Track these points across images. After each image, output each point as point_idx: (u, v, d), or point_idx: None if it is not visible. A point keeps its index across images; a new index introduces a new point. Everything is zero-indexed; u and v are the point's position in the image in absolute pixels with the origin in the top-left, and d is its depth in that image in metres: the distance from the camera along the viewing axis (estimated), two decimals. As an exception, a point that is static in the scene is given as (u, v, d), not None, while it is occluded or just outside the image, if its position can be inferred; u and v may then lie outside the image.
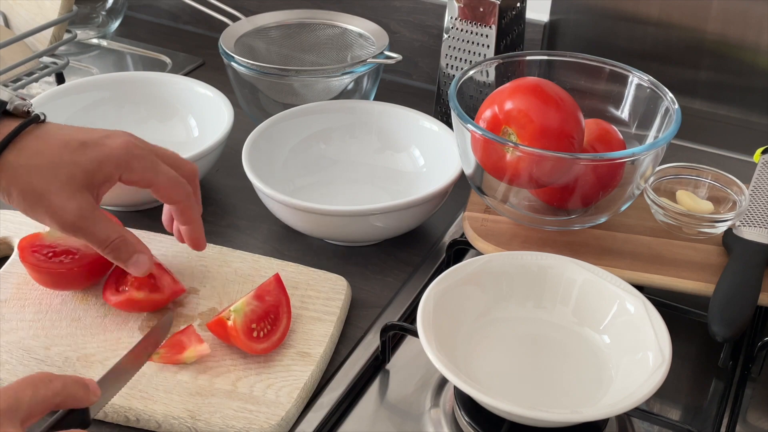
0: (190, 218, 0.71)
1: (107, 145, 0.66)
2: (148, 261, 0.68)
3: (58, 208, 0.64)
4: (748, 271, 0.74)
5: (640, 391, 0.61)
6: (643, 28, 1.05)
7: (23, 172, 0.63)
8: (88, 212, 0.64)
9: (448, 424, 0.68)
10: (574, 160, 0.74)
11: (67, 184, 0.64)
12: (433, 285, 0.69)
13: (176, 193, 0.69)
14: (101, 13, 1.28)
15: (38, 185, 0.63)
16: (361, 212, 0.80)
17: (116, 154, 0.66)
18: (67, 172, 0.64)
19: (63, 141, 0.65)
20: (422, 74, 1.18)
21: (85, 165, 0.64)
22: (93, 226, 0.65)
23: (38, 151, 0.64)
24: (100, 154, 0.65)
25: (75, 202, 0.64)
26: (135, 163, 0.66)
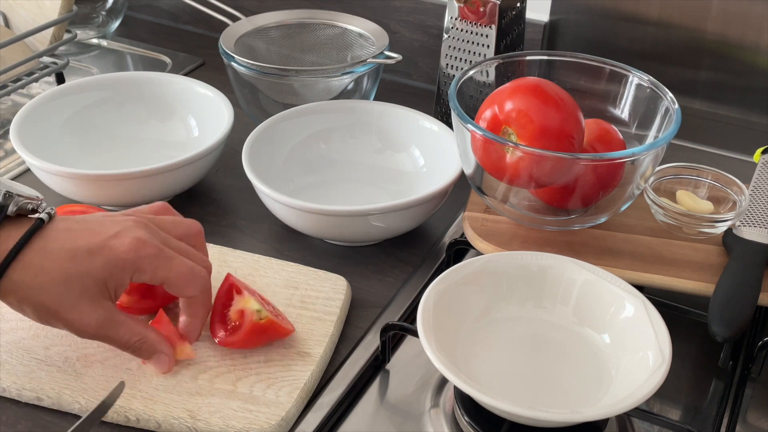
0: (197, 313, 0.70)
1: (114, 248, 0.64)
2: (168, 361, 0.68)
3: (76, 322, 0.63)
4: (748, 271, 0.74)
5: (640, 391, 0.61)
6: (643, 28, 1.05)
7: (32, 292, 0.62)
8: (107, 321, 0.64)
9: (448, 424, 0.68)
10: (574, 160, 0.74)
11: (81, 298, 0.62)
12: (433, 285, 0.69)
13: (190, 288, 0.67)
14: (101, 13, 1.28)
15: (51, 303, 0.62)
16: (361, 212, 0.80)
17: (124, 257, 0.64)
18: (79, 285, 0.62)
19: (68, 253, 0.63)
20: (422, 74, 1.18)
21: (96, 275, 0.63)
22: (114, 333, 0.65)
23: (44, 268, 0.62)
24: (108, 259, 0.63)
25: (92, 314, 0.63)
26: (145, 264, 0.64)
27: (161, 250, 0.65)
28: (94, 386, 0.68)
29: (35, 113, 0.93)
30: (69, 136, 0.95)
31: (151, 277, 0.65)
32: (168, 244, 0.67)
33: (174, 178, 0.88)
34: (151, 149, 0.98)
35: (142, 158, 0.96)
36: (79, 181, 0.85)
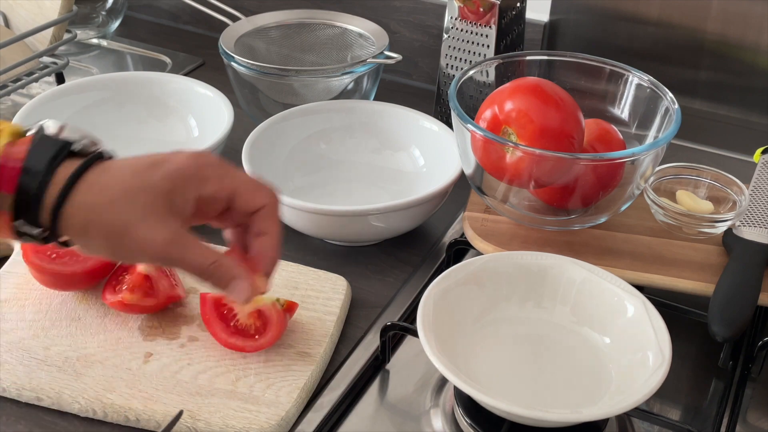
0: (271, 228, 0.62)
1: (175, 160, 0.60)
2: (248, 287, 0.61)
3: (145, 239, 0.58)
4: (748, 271, 0.74)
5: (640, 391, 0.61)
6: (643, 28, 1.05)
7: (98, 211, 0.58)
8: (177, 240, 0.58)
9: (448, 424, 0.68)
10: (574, 160, 0.74)
11: (148, 213, 0.58)
12: (433, 285, 0.69)
13: (261, 195, 0.61)
14: (101, 13, 1.28)
15: (117, 220, 0.58)
16: (360, 212, 0.80)
17: (187, 165, 0.60)
18: (144, 199, 0.58)
19: (131, 168, 0.60)
20: (422, 74, 1.18)
21: (161, 186, 0.59)
22: (184, 254, 0.59)
23: (107, 185, 0.58)
24: (170, 169, 0.59)
25: (163, 231, 0.58)
26: (209, 172, 0.60)
27: (222, 162, 0.61)
28: (94, 386, 0.68)
29: (35, 113, 0.93)
30: (69, 136, 0.95)
31: (218, 186, 0.60)
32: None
33: (174, 178, 0.88)
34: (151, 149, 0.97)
35: (142, 158, 0.96)
36: (79, 181, 0.85)
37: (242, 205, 0.61)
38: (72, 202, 0.58)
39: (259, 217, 0.62)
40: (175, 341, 0.73)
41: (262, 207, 0.61)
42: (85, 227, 0.58)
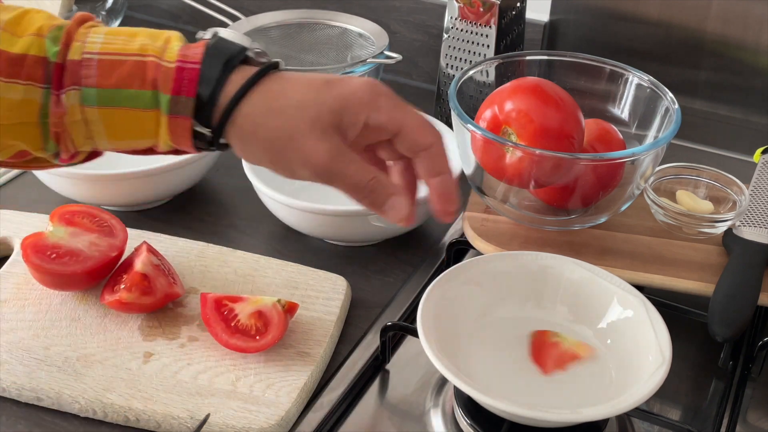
0: (444, 165, 0.61)
1: (352, 83, 0.60)
2: (406, 205, 0.60)
3: (309, 150, 0.58)
4: (748, 271, 0.74)
5: (640, 392, 0.61)
6: (643, 28, 1.05)
7: (270, 115, 0.58)
8: (340, 154, 0.58)
9: (448, 424, 0.68)
10: (574, 160, 0.74)
11: (315, 125, 0.58)
12: (433, 285, 0.69)
13: (428, 132, 0.60)
14: (101, 13, 1.28)
15: (287, 126, 0.58)
16: (361, 212, 0.80)
17: (362, 90, 0.59)
18: (314, 112, 0.58)
19: (306, 81, 0.59)
20: (422, 74, 1.18)
21: (332, 104, 0.58)
22: (347, 167, 0.58)
23: (281, 92, 0.58)
24: (345, 90, 0.59)
25: (326, 143, 0.58)
26: (382, 100, 0.59)
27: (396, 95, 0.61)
28: (94, 386, 0.68)
29: (35, 113, 0.93)
30: (69, 136, 0.95)
31: (389, 118, 0.59)
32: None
33: (174, 178, 0.88)
34: (151, 149, 0.98)
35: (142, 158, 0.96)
36: (79, 181, 0.85)
37: (408, 140, 0.60)
38: (245, 105, 0.58)
39: (430, 156, 0.61)
40: (175, 341, 0.73)
41: (430, 146, 0.60)
42: (253, 131, 0.58)
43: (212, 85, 0.57)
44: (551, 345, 0.69)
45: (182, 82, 0.57)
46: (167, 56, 0.57)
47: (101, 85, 0.57)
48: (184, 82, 0.57)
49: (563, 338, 0.69)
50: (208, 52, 0.58)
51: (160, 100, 0.57)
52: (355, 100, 0.59)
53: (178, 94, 0.57)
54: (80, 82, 0.56)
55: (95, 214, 0.80)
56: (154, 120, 0.57)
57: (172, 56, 0.57)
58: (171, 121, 0.57)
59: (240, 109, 0.57)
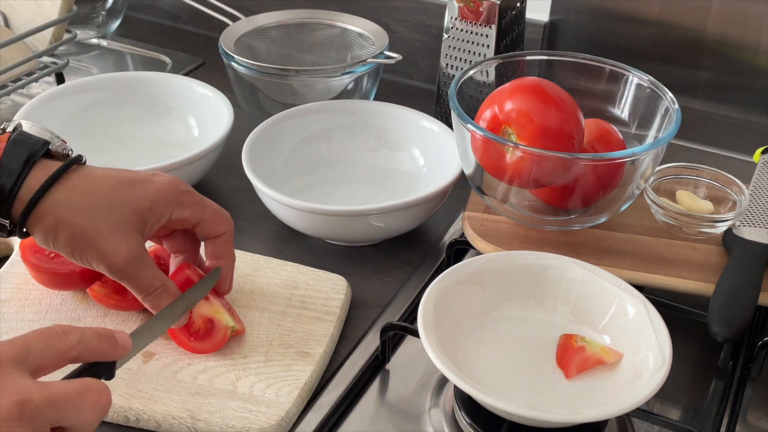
0: (229, 251, 0.69)
1: (155, 182, 0.64)
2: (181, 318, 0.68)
3: (108, 250, 0.61)
4: (748, 271, 0.74)
5: (641, 392, 0.61)
6: (643, 28, 1.05)
7: (74, 212, 0.61)
8: (138, 256, 0.63)
9: (448, 424, 0.68)
10: (574, 160, 0.74)
11: (119, 226, 0.61)
12: (433, 284, 0.69)
13: (223, 223, 0.68)
14: (101, 13, 1.28)
15: (89, 226, 0.61)
16: (360, 212, 0.80)
17: (166, 189, 0.64)
18: (119, 213, 0.62)
19: (112, 179, 0.63)
20: (422, 74, 1.18)
21: (137, 204, 0.62)
22: (140, 271, 0.63)
23: (88, 190, 0.62)
24: (150, 190, 0.63)
25: (126, 245, 0.62)
26: (185, 198, 0.65)
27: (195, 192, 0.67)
28: (94, 386, 0.68)
29: (35, 113, 0.93)
30: (69, 136, 0.94)
31: (190, 213, 0.66)
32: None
33: (174, 178, 0.88)
34: (151, 149, 0.98)
35: (142, 158, 0.96)
36: (79, 181, 0.85)
37: (205, 231, 0.68)
38: (48, 200, 0.61)
39: (218, 243, 0.69)
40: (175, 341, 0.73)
41: (222, 233, 0.69)
42: (55, 225, 0.61)
43: (13, 179, 0.60)
44: (577, 349, 0.68)
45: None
46: None
47: None
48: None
49: (589, 343, 0.69)
50: (9, 147, 0.60)
51: None
52: (161, 200, 0.64)
53: None
54: None
55: (95, 214, 0.80)
56: None
57: None
58: None
59: (43, 203, 0.60)
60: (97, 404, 0.51)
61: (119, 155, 0.97)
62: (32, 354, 0.50)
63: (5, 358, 0.49)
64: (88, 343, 0.53)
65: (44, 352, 0.51)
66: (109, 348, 0.55)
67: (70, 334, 0.52)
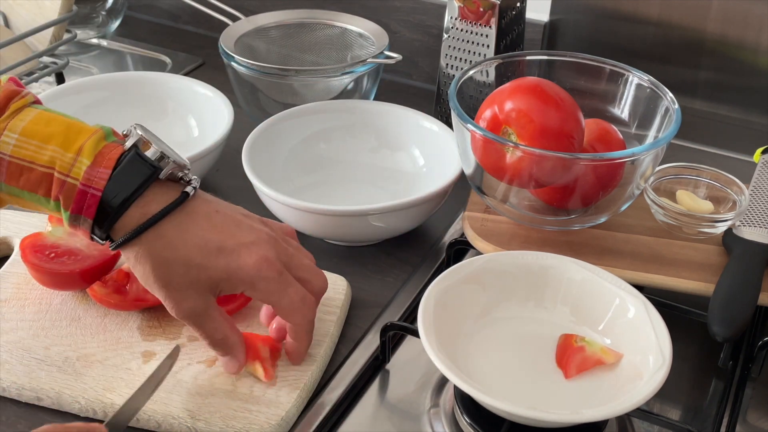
0: (300, 337, 0.70)
1: (241, 258, 0.65)
2: (238, 366, 0.68)
3: (175, 301, 0.64)
4: (748, 271, 0.74)
5: (641, 392, 0.61)
6: (643, 28, 1.05)
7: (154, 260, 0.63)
8: (202, 312, 0.65)
9: (448, 424, 0.68)
10: (574, 160, 0.74)
11: (191, 285, 0.64)
12: (433, 284, 0.69)
13: (295, 316, 0.68)
14: (101, 13, 1.28)
15: (164, 276, 0.63)
16: (360, 212, 0.80)
17: (246, 272, 0.65)
18: (194, 274, 0.64)
19: (201, 240, 0.64)
20: (422, 74, 1.18)
21: (213, 273, 0.64)
22: (202, 324, 0.65)
23: (174, 245, 0.63)
24: (231, 265, 0.64)
25: (192, 302, 0.64)
26: (261, 284, 0.65)
27: (282, 275, 0.66)
28: (94, 386, 0.68)
29: (35, 113, 0.93)
30: (69, 136, 0.95)
31: (263, 298, 0.67)
32: (289, 266, 0.68)
33: (174, 178, 0.88)
34: (151, 149, 0.98)
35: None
36: (79, 181, 0.85)
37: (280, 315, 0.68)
38: (138, 241, 0.63)
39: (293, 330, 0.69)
40: (175, 341, 0.73)
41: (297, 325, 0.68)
42: (137, 259, 0.64)
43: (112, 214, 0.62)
44: (576, 349, 0.68)
45: (83, 204, 0.62)
46: (74, 173, 0.62)
47: (9, 182, 0.63)
48: (84, 205, 0.62)
49: (589, 343, 0.69)
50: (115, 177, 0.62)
51: (61, 211, 0.63)
52: (237, 278, 0.65)
53: (78, 213, 0.62)
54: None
55: (95, 214, 0.80)
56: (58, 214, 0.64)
57: (78, 174, 0.62)
58: (71, 226, 0.64)
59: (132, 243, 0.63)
60: None
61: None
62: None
63: None
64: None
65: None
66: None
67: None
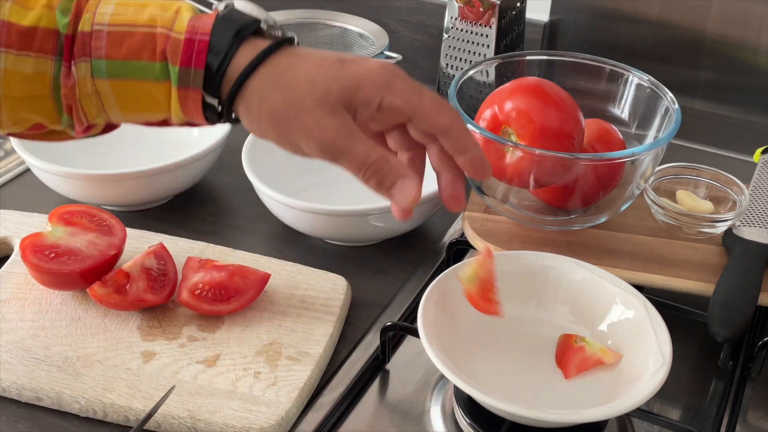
0: (467, 143, 0.58)
1: (367, 64, 0.58)
2: (414, 187, 0.57)
3: (315, 125, 0.56)
4: (748, 271, 0.74)
5: (641, 392, 0.61)
6: (643, 28, 1.05)
7: (277, 88, 0.57)
8: (347, 130, 0.56)
9: (448, 424, 0.68)
10: (574, 160, 0.74)
11: (324, 101, 0.56)
12: (433, 284, 0.69)
13: (445, 113, 0.57)
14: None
15: (293, 100, 0.57)
16: (361, 212, 0.80)
17: (377, 71, 0.57)
18: (323, 87, 0.57)
19: (318, 58, 0.58)
20: (422, 74, 1.18)
21: (343, 82, 0.57)
22: (354, 144, 0.57)
23: (290, 66, 0.57)
24: (359, 70, 0.57)
25: (333, 119, 0.56)
26: (398, 83, 0.57)
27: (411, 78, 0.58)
28: (94, 386, 0.68)
29: (35, 113, 0.93)
30: (69, 136, 0.95)
31: (405, 101, 0.57)
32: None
33: (174, 178, 0.88)
34: (151, 149, 0.98)
35: (142, 158, 0.96)
36: (79, 181, 0.85)
37: (426, 123, 0.58)
38: (254, 78, 0.57)
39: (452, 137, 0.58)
40: (175, 341, 0.73)
41: (449, 126, 0.58)
42: (259, 104, 0.57)
43: (221, 57, 0.56)
44: (576, 349, 0.68)
45: (191, 53, 0.56)
46: (177, 27, 0.56)
47: (111, 56, 0.57)
48: (194, 54, 0.56)
49: (588, 343, 0.69)
50: (218, 23, 0.57)
51: (169, 72, 0.57)
52: (369, 81, 0.57)
53: (188, 66, 0.56)
54: (90, 53, 0.56)
55: (94, 213, 0.80)
56: (165, 92, 0.57)
57: (182, 27, 0.56)
58: (181, 93, 0.57)
59: (249, 81, 0.57)
60: None
61: (119, 155, 0.97)
62: None
63: None
64: None
65: None
66: None
67: None
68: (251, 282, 0.76)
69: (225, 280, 0.75)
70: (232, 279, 0.75)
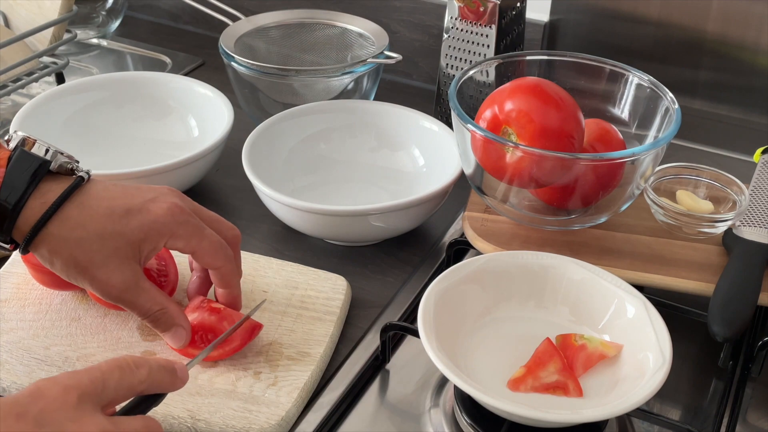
0: (229, 283, 0.70)
1: (152, 211, 0.64)
2: (185, 335, 0.67)
3: (102, 281, 0.63)
4: (748, 271, 0.74)
5: (641, 392, 0.61)
6: (643, 28, 1.05)
7: (67, 245, 0.62)
8: (132, 285, 0.64)
9: (448, 424, 0.68)
10: (574, 160, 0.74)
11: (112, 257, 0.63)
12: (433, 284, 0.69)
13: (218, 257, 0.67)
14: (101, 13, 1.28)
15: (82, 258, 0.62)
16: (361, 212, 0.80)
17: (161, 221, 0.64)
18: (112, 244, 0.63)
19: (107, 209, 0.64)
20: (422, 74, 1.18)
21: (131, 236, 0.63)
22: (136, 298, 0.64)
23: (81, 223, 0.62)
24: (145, 221, 0.64)
25: (120, 275, 0.63)
26: (180, 230, 0.65)
27: (194, 218, 0.66)
28: (94, 386, 0.68)
29: (35, 113, 0.93)
30: (69, 136, 0.95)
31: (185, 244, 0.66)
32: (198, 215, 0.68)
33: (174, 178, 0.88)
34: (151, 149, 0.98)
35: (142, 158, 0.96)
36: (79, 181, 0.85)
37: (201, 261, 0.68)
38: (46, 230, 0.62)
39: (219, 276, 0.69)
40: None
41: (220, 267, 0.68)
42: (51, 254, 0.62)
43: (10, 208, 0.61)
44: (578, 348, 0.68)
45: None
46: None
47: None
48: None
49: (588, 339, 0.68)
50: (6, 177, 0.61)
51: None
52: (155, 232, 0.64)
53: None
54: None
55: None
56: None
57: None
58: None
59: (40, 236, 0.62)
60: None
61: (119, 155, 0.97)
62: (108, 389, 0.52)
63: (84, 391, 0.51)
64: (154, 377, 0.55)
65: (118, 386, 0.53)
66: (170, 382, 0.57)
67: (140, 368, 0.54)
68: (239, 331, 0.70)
69: (215, 324, 0.70)
70: (221, 324, 0.70)
